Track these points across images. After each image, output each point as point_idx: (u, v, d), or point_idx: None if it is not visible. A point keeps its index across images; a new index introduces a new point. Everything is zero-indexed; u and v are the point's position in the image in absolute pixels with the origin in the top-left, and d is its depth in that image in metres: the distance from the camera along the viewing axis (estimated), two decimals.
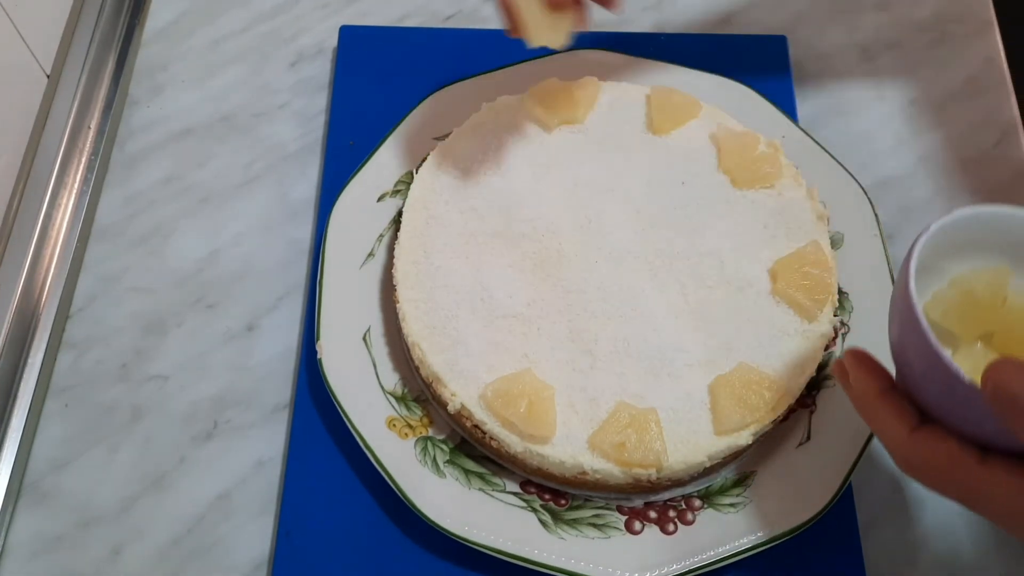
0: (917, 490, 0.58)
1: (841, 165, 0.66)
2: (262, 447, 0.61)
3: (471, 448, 0.58)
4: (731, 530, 0.55)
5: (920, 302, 0.43)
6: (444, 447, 0.58)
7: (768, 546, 0.54)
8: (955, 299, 0.48)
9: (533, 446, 0.54)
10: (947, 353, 0.41)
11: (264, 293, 0.66)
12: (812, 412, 0.59)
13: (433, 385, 0.57)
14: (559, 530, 0.55)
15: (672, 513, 0.56)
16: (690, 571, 0.54)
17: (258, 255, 0.67)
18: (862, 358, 0.46)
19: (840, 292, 0.61)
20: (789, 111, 0.70)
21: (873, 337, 0.60)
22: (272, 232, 0.68)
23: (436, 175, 0.62)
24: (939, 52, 0.76)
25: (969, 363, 0.48)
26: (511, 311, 0.58)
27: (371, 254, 0.63)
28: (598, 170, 0.63)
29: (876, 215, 0.64)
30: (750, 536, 0.55)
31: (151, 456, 0.60)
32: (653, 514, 0.56)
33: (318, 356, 0.59)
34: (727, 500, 0.56)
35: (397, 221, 0.63)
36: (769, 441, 0.58)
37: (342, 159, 0.69)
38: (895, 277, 0.45)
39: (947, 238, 0.46)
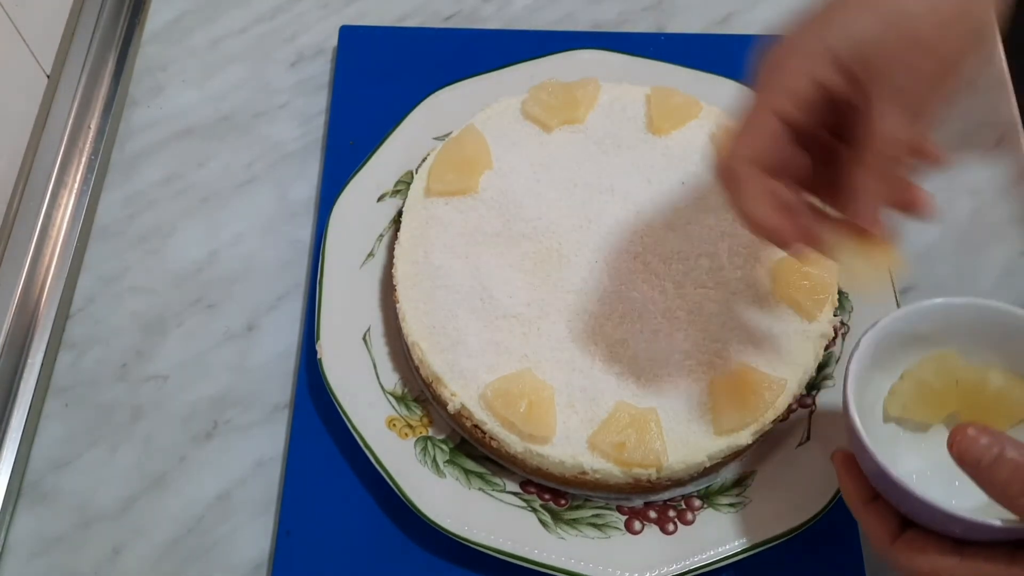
0: None
1: None
2: (262, 447, 0.61)
3: (471, 448, 0.58)
4: (731, 530, 0.55)
5: (863, 426, 0.45)
6: (444, 447, 0.58)
7: (768, 546, 0.54)
8: (911, 391, 0.50)
9: (533, 446, 0.54)
10: (895, 472, 0.43)
11: (264, 293, 0.66)
12: (812, 412, 0.59)
13: (433, 385, 0.57)
14: (559, 530, 0.55)
15: (672, 513, 0.56)
16: (690, 571, 0.54)
17: (258, 255, 0.67)
18: (848, 466, 0.47)
19: (840, 292, 0.61)
20: None
21: None
22: (272, 232, 0.68)
23: (436, 175, 0.62)
24: None
25: (942, 445, 0.49)
26: (511, 311, 0.58)
27: (371, 254, 0.63)
28: (598, 170, 0.63)
29: None
30: (750, 536, 0.55)
31: (151, 456, 0.60)
32: (653, 514, 0.56)
33: (318, 356, 0.59)
34: (727, 500, 0.56)
35: (397, 221, 0.63)
36: (769, 441, 0.58)
37: (342, 159, 0.68)
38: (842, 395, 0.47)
39: (884, 343, 0.48)
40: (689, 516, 0.56)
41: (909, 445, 0.50)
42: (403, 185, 0.65)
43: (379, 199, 0.65)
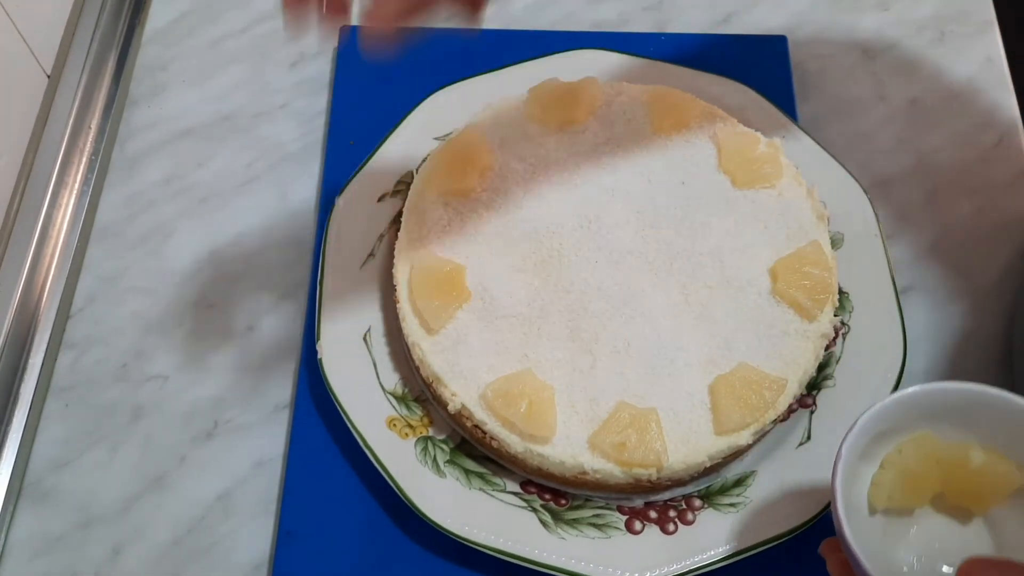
0: None
1: (841, 165, 0.66)
2: (262, 447, 0.61)
3: (471, 448, 0.58)
4: (731, 530, 0.55)
5: (856, 540, 0.45)
6: (444, 447, 0.58)
7: (768, 546, 0.54)
8: (893, 479, 0.49)
9: (533, 446, 0.54)
10: None
11: (264, 293, 0.66)
12: (812, 412, 0.59)
13: (433, 385, 0.57)
14: (559, 530, 0.55)
15: (672, 513, 0.56)
16: (690, 571, 0.54)
17: (258, 255, 0.67)
18: (846, 571, 0.46)
19: (840, 292, 0.61)
20: (789, 111, 0.70)
21: (872, 338, 0.60)
22: (272, 232, 0.68)
23: (436, 175, 0.62)
24: (939, 52, 0.76)
25: (930, 529, 0.50)
26: (511, 311, 0.58)
27: (371, 254, 0.63)
28: (598, 170, 0.63)
29: (876, 215, 0.64)
30: (750, 536, 0.55)
31: (151, 456, 0.60)
32: (653, 514, 0.56)
33: (318, 356, 0.59)
34: (727, 500, 0.56)
35: (397, 221, 0.63)
36: (769, 441, 0.58)
37: (342, 159, 0.68)
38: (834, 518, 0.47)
39: (864, 439, 0.48)
40: (690, 516, 0.56)
41: (899, 534, 0.50)
42: (403, 185, 0.65)
43: (379, 199, 0.65)
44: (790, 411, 0.58)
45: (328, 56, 0.75)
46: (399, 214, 0.63)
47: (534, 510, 0.56)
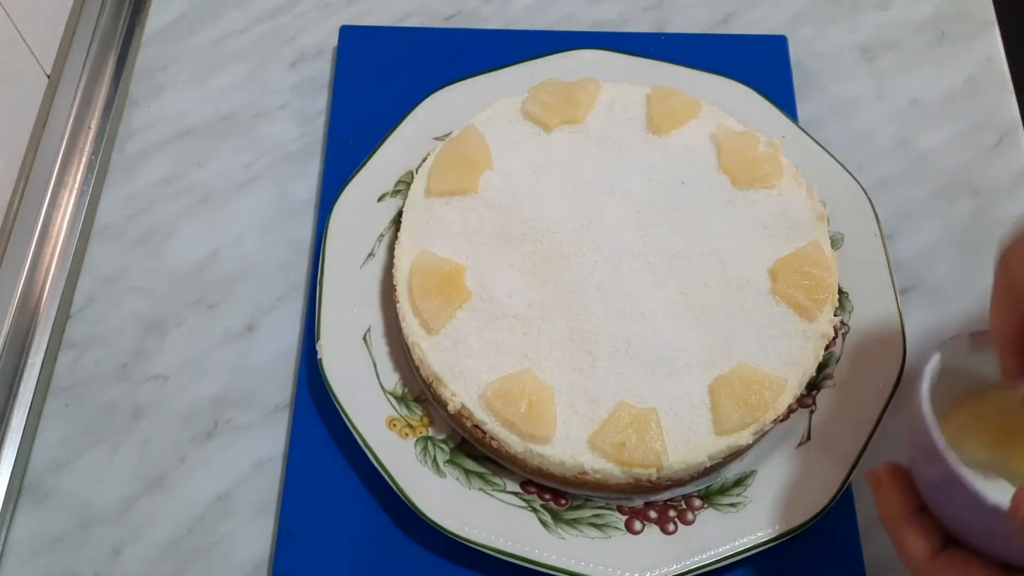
0: None
1: (841, 165, 0.66)
2: (262, 447, 0.61)
3: (471, 448, 0.58)
4: (731, 530, 0.55)
5: (936, 426, 0.42)
6: (444, 447, 0.58)
7: (768, 546, 0.54)
8: (968, 416, 0.47)
9: (533, 446, 0.54)
10: (971, 477, 0.40)
11: (264, 293, 0.66)
12: (812, 412, 0.59)
13: (433, 385, 0.57)
14: (559, 530, 0.55)
15: (672, 513, 0.56)
16: (690, 571, 0.54)
17: (258, 255, 0.67)
18: (898, 476, 0.45)
19: (840, 292, 0.61)
20: (789, 111, 0.70)
21: (873, 338, 0.60)
22: (272, 232, 0.68)
23: (436, 175, 0.62)
24: (939, 52, 0.76)
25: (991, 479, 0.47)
26: (511, 311, 0.58)
27: (371, 254, 0.63)
28: (598, 170, 0.63)
29: (876, 215, 0.64)
30: (750, 536, 0.55)
31: (151, 456, 0.60)
32: (653, 514, 0.56)
33: (318, 356, 0.59)
34: (727, 500, 0.56)
35: (397, 221, 0.63)
36: (769, 441, 0.58)
37: (342, 159, 0.68)
38: (909, 398, 0.44)
39: (953, 358, 0.45)
40: (689, 516, 0.56)
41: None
42: (403, 185, 0.65)
43: (379, 199, 0.65)
44: (790, 411, 0.58)
45: (328, 56, 0.75)
46: (399, 214, 0.63)
47: (534, 510, 0.56)
